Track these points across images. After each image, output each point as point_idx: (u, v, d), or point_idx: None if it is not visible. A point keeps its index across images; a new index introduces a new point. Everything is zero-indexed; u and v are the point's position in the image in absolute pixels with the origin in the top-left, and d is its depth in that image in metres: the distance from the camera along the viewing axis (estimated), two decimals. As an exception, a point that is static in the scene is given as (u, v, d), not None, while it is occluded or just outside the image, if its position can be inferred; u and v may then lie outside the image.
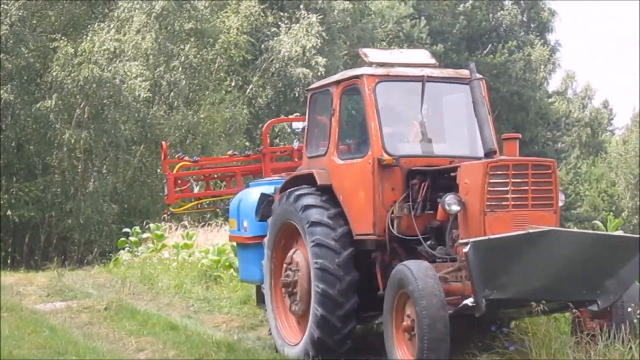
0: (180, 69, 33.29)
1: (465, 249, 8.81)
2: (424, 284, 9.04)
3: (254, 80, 38.73)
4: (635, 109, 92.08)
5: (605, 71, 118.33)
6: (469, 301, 9.02)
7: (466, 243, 8.87)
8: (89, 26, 31.35)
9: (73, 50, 29.84)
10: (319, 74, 37.58)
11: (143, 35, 31.81)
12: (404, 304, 9.45)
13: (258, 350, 11.94)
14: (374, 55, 11.39)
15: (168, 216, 19.81)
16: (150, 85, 31.86)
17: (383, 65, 11.12)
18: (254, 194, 12.59)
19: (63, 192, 31.28)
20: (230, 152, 16.83)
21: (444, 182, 10.31)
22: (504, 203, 9.61)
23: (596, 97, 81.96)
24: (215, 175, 16.07)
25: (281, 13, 40.16)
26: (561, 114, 64.65)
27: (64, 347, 12.00)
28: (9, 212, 29.66)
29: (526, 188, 9.66)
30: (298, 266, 11.13)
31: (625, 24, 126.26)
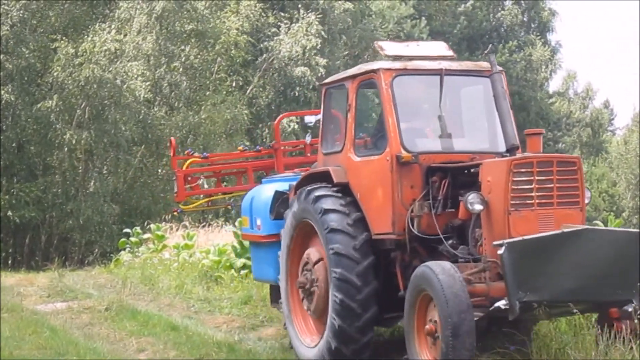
0: (180, 69, 33.31)
1: (500, 251, 8.56)
2: (448, 286, 8.74)
3: (254, 81, 38.74)
4: (636, 108, 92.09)
5: (606, 71, 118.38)
6: (501, 303, 8.74)
7: (501, 244, 8.62)
8: (89, 27, 31.37)
9: (74, 51, 29.86)
10: (319, 74, 37.61)
11: (144, 36, 31.82)
12: (426, 306, 9.16)
13: (259, 351, 11.93)
14: (390, 48, 11.02)
15: (178, 214, 19.40)
16: (150, 86, 31.88)
17: (400, 58, 10.75)
18: (267, 191, 12.27)
19: (64, 193, 31.30)
20: (241, 147, 16.29)
21: (465, 180, 9.99)
22: (529, 201, 9.28)
23: (597, 97, 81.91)
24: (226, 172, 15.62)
25: (282, 13, 40.18)
26: (562, 114, 64.68)
27: (65, 348, 12.00)
28: (10, 213, 29.68)
29: (551, 186, 9.34)
30: (315, 266, 10.84)
31: (625, 23, 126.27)
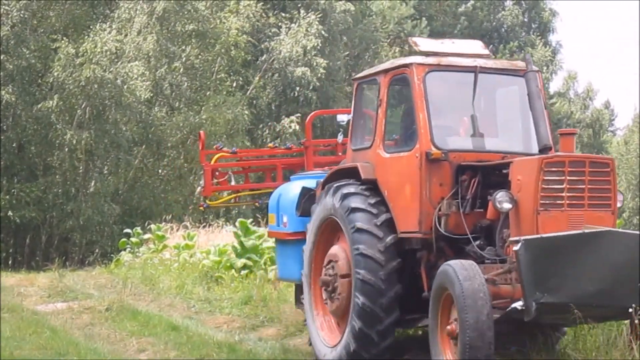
0: (181, 70, 33.32)
1: (516, 247, 8.34)
2: (468, 285, 8.54)
3: (254, 81, 38.76)
4: (636, 109, 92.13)
5: (607, 71, 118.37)
6: (518, 304, 8.54)
7: (517, 241, 8.42)
8: (90, 27, 31.39)
9: (74, 51, 29.88)
10: (319, 74, 37.64)
11: (144, 36, 31.83)
12: (449, 306, 8.93)
13: (259, 351, 11.92)
14: (424, 44, 10.79)
15: (204, 209, 19.22)
16: (151, 86, 31.88)
17: (434, 54, 10.50)
18: (294, 188, 12.06)
19: (64, 193, 31.32)
20: (271, 144, 16.12)
21: (496, 179, 9.78)
22: (559, 202, 9.07)
23: (597, 98, 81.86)
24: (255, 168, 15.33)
25: (282, 14, 40.20)
26: (562, 115, 64.63)
27: (65, 348, 12.00)
28: (10, 213, 29.69)
29: (583, 187, 9.12)
30: (338, 264, 10.58)
31: (626, 23, 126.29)
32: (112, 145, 31.46)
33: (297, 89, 38.52)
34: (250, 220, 19.55)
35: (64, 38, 30.50)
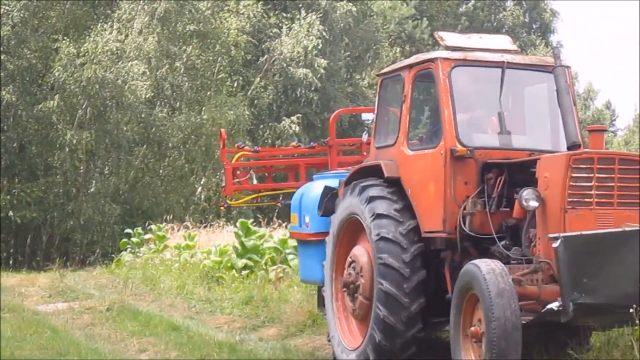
0: (182, 70, 33.34)
1: (555, 244, 7.97)
2: (493, 284, 8.21)
3: (255, 81, 38.78)
4: (637, 109, 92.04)
5: (607, 71, 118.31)
6: (554, 305, 8.22)
7: (556, 237, 8.02)
8: (91, 27, 31.41)
9: (75, 51, 29.90)
10: (319, 75, 37.65)
11: (145, 36, 31.85)
12: (473, 307, 8.61)
13: (260, 351, 11.92)
14: (450, 39, 10.47)
15: (225, 209, 18.93)
16: (152, 86, 31.90)
17: (460, 49, 10.20)
18: (317, 187, 11.70)
19: (65, 193, 31.35)
20: (294, 144, 15.88)
21: (523, 177, 9.41)
22: (587, 200, 8.71)
23: (598, 98, 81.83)
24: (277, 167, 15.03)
25: (283, 14, 40.22)
26: (563, 115, 64.60)
27: (66, 348, 12.00)
28: (11, 213, 29.73)
29: (612, 184, 8.74)
30: (360, 264, 10.27)
31: (626, 23, 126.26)
32: (113, 146, 31.50)
33: (299, 89, 38.53)
34: (251, 220, 19.57)
35: (65, 38, 30.53)
